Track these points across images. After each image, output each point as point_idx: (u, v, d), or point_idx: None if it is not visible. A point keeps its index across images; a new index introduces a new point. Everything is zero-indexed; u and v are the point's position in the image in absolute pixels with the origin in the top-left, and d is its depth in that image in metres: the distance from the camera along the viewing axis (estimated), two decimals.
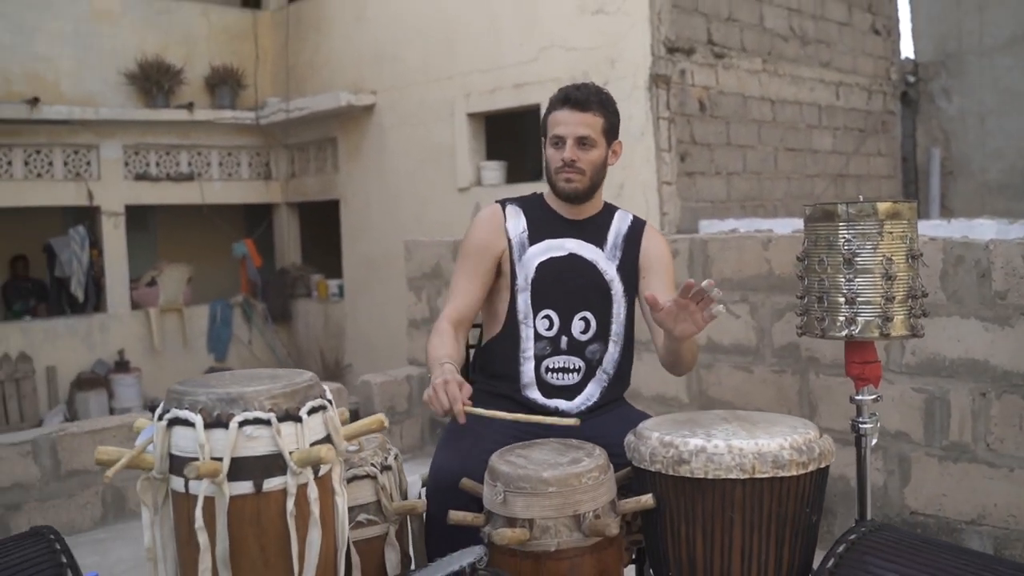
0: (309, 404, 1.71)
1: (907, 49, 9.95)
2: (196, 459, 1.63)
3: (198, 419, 1.64)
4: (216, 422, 1.64)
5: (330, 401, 1.78)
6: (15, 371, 9.71)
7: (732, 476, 1.85)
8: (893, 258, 2.06)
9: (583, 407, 2.55)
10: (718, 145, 7.58)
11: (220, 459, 1.62)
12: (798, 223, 6.13)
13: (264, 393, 1.67)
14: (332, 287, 10.73)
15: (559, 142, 2.54)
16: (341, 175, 10.19)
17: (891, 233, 2.06)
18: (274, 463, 1.66)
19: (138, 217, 10.83)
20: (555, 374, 2.55)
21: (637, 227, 2.67)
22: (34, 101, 9.35)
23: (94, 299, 10.48)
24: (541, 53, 7.77)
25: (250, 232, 11.74)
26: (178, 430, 1.68)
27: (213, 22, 10.93)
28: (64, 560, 2.14)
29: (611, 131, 2.58)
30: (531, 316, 2.57)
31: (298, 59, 10.60)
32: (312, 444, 1.69)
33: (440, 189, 8.86)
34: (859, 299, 2.07)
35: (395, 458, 2.14)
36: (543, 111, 8.21)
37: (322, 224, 11.22)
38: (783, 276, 3.70)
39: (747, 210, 7.78)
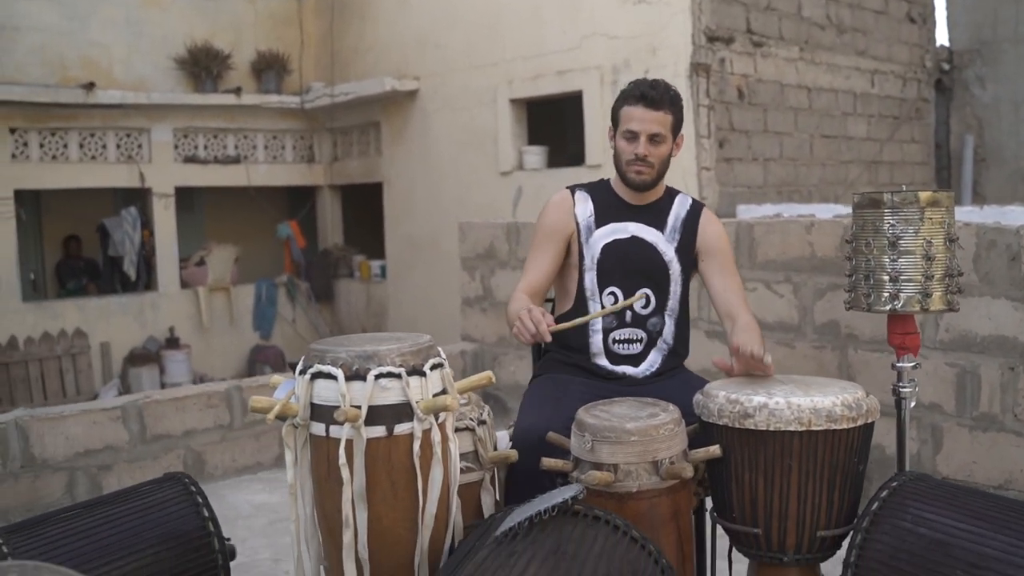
0: (431, 361, 2.00)
1: (942, 37, 10.10)
2: (337, 407, 1.92)
3: (340, 373, 1.93)
4: (355, 375, 1.93)
5: (445, 360, 2.07)
6: (71, 346, 10.10)
7: (791, 428, 2.13)
8: (933, 241, 2.33)
9: (647, 373, 2.84)
10: (756, 132, 7.81)
11: (359, 407, 1.92)
12: (835, 208, 6.36)
13: (395, 351, 1.97)
14: (374, 268, 11.05)
15: (633, 137, 2.79)
16: (384, 158, 10.49)
17: (931, 219, 2.33)
18: (403, 411, 1.96)
19: (185, 199, 11.19)
20: (621, 344, 2.83)
21: (695, 211, 2.94)
22: (89, 86, 9.72)
23: (145, 278, 10.87)
24: (584, 41, 8.02)
25: (294, 214, 12.08)
26: (320, 382, 1.97)
27: (259, 8, 11.24)
28: (200, 500, 2.47)
29: (677, 126, 2.85)
30: (597, 293, 2.85)
31: (342, 44, 10.88)
32: (433, 396, 1.99)
33: (482, 173, 9.14)
34: (902, 277, 2.34)
35: (488, 414, 2.43)
36: (585, 97, 8.43)
37: (364, 206, 11.53)
38: (824, 258, 3.96)
39: (783, 195, 8.01)
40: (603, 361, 2.84)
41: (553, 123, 9.43)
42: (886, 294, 2.36)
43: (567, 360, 2.88)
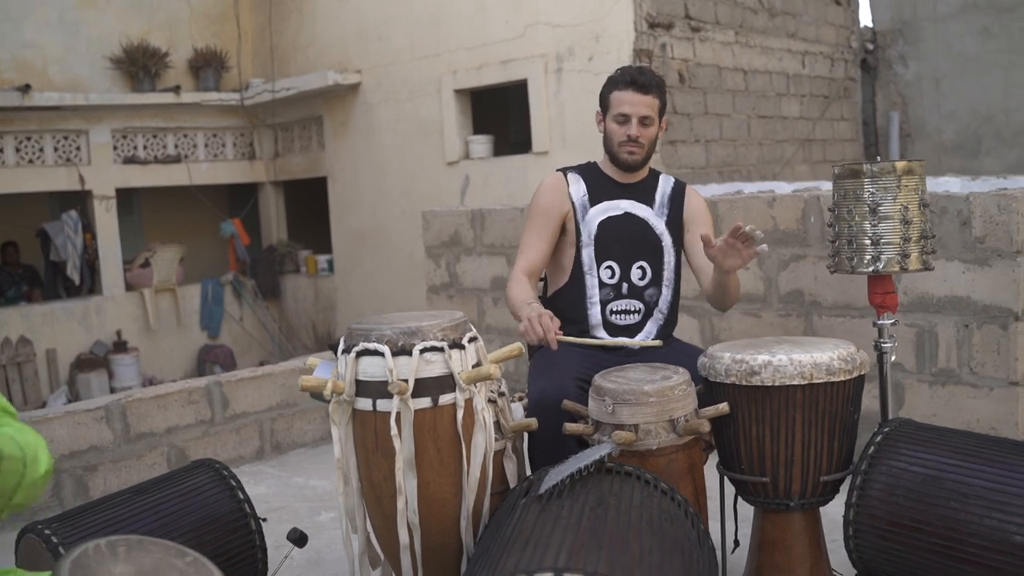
0: (468, 335, 2.15)
1: (866, 18, 10.49)
2: (383, 382, 2.05)
3: (386, 349, 2.06)
4: (401, 351, 2.06)
5: (478, 334, 2.21)
6: (16, 355, 9.94)
7: (794, 383, 2.33)
8: (909, 206, 2.55)
9: (643, 344, 3.01)
10: (697, 115, 8.05)
11: (405, 380, 2.05)
12: (775, 185, 6.62)
13: (436, 327, 2.11)
14: (321, 262, 11.06)
15: (624, 120, 2.98)
16: (328, 152, 10.51)
17: (907, 186, 2.55)
18: (446, 382, 2.10)
19: (123, 200, 11.03)
20: (618, 316, 3.01)
21: (679, 188, 3.14)
22: (25, 88, 9.54)
23: (89, 282, 10.72)
24: (527, 30, 8.16)
25: (236, 211, 12.01)
26: (365, 359, 2.09)
27: (194, 5, 11.13)
28: (233, 484, 2.57)
29: (662, 109, 3.05)
30: (595, 267, 3.03)
31: (281, 39, 10.85)
32: (472, 367, 2.13)
33: (428, 163, 9.23)
34: (882, 240, 2.56)
35: (504, 386, 2.58)
36: (530, 85, 8.53)
37: (306, 201, 11.53)
38: (787, 230, 4.18)
39: (724, 176, 8.28)
40: (601, 334, 3.00)
41: (497, 110, 9.56)
42: (868, 257, 2.58)
43: (564, 333, 3.03)
